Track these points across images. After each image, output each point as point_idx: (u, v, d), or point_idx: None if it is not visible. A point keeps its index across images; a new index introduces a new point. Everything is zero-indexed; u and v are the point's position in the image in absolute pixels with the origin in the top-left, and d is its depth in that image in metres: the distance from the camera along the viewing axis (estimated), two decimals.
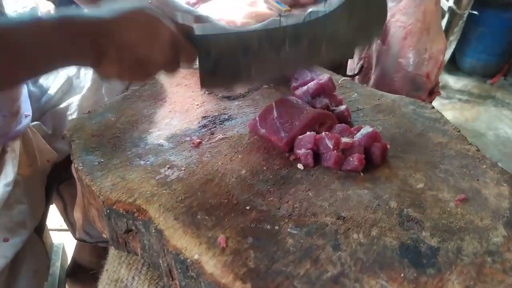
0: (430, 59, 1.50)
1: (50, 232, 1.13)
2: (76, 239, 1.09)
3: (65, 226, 1.24)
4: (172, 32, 0.56)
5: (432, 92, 1.49)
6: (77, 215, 1.05)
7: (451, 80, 3.08)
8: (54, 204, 1.05)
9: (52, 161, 0.86)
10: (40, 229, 0.86)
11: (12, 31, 0.46)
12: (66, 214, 1.05)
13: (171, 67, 0.59)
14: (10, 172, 0.71)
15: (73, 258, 1.21)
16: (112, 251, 0.69)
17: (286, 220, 0.55)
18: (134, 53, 0.54)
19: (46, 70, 0.54)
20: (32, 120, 0.87)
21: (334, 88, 0.77)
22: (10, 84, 0.56)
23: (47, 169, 0.86)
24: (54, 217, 1.17)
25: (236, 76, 0.66)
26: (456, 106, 2.81)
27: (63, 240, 1.34)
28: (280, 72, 0.74)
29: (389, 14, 1.56)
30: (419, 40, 1.48)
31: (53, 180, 0.95)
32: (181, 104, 0.81)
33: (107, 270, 0.66)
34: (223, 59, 0.62)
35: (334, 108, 0.75)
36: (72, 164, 0.70)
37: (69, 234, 1.22)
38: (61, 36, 0.49)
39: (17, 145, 0.75)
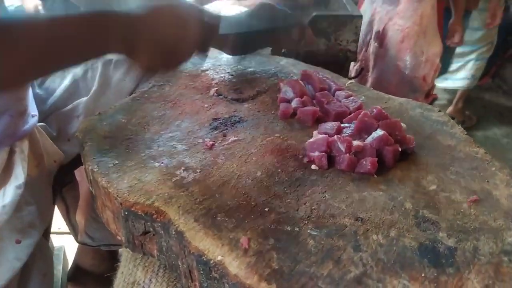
0: (427, 62, 1.53)
1: (50, 235, 1.12)
2: (78, 242, 1.08)
3: (64, 229, 1.23)
4: (200, 24, 0.65)
5: (429, 95, 1.52)
6: (79, 218, 1.04)
7: (439, 81, 3.14)
8: (56, 207, 1.04)
9: (58, 161, 0.85)
10: (47, 232, 0.85)
11: (40, 26, 0.48)
12: (69, 217, 1.04)
13: (202, 51, 0.72)
14: (20, 173, 0.70)
15: (75, 262, 1.20)
16: (125, 254, 0.69)
17: (306, 222, 0.56)
18: (165, 46, 0.61)
19: (75, 62, 0.58)
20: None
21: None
22: (38, 76, 0.65)
23: (54, 170, 0.85)
24: (53, 220, 1.16)
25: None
26: (444, 107, 2.86)
27: (62, 243, 1.32)
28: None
29: (387, 17, 1.59)
30: (416, 43, 1.51)
31: (57, 183, 0.94)
32: (190, 106, 0.81)
33: (122, 272, 0.66)
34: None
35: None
36: (83, 166, 0.70)
37: (68, 237, 1.20)
38: (94, 30, 0.54)
39: (25, 145, 0.74)
